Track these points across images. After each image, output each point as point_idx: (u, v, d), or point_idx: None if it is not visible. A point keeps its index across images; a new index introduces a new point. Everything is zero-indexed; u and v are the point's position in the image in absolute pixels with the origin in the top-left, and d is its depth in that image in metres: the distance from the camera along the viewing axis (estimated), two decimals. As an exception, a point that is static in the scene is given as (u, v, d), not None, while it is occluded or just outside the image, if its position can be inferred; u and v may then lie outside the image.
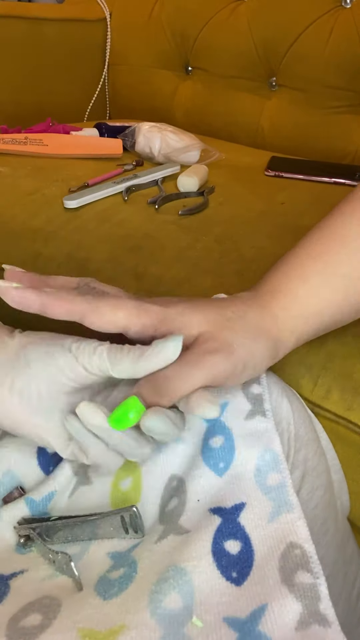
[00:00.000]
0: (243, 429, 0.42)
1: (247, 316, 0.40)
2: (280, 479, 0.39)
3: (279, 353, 0.42)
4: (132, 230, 0.74)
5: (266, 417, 0.42)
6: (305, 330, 0.43)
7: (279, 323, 0.41)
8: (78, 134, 1.05)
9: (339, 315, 0.44)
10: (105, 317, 0.37)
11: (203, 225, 0.75)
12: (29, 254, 0.74)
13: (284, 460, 0.40)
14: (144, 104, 1.33)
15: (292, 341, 0.42)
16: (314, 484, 0.47)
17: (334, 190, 0.90)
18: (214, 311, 0.39)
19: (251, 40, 1.15)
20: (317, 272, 0.43)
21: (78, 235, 0.74)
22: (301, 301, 0.42)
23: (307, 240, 0.45)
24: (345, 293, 0.43)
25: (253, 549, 0.36)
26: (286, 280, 0.43)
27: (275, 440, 0.41)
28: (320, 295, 0.42)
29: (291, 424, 0.45)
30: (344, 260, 0.43)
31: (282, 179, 0.95)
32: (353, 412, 0.51)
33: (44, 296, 0.37)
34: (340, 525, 0.52)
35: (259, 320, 0.40)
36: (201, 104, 1.26)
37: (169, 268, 0.67)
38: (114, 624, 0.32)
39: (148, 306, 0.38)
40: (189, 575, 0.34)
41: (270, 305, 0.41)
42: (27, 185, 0.85)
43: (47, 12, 1.26)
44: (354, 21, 1.05)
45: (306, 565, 0.34)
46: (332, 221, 0.45)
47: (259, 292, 0.43)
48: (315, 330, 0.43)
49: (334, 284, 0.43)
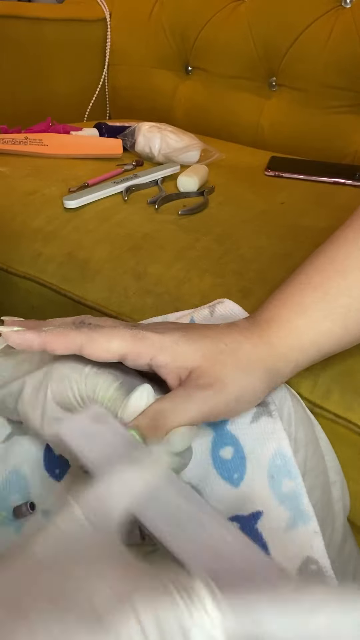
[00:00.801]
0: (250, 435, 0.41)
1: (241, 348, 0.40)
2: (294, 485, 0.40)
3: (275, 383, 0.42)
4: (132, 230, 0.74)
5: (272, 417, 0.42)
6: (301, 360, 0.42)
7: (275, 353, 0.41)
8: (78, 134, 1.05)
9: (337, 345, 0.44)
10: (101, 347, 0.38)
11: (203, 225, 0.75)
12: (29, 254, 0.74)
13: (294, 464, 0.40)
14: (144, 104, 1.33)
15: (288, 371, 0.42)
16: (312, 485, 0.47)
17: (334, 190, 0.90)
18: (208, 343, 0.39)
19: (251, 40, 1.15)
20: (316, 303, 0.42)
21: (78, 235, 0.74)
22: (299, 331, 0.42)
23: (307, 268, 0.44)
24: (344, 323, 0.42)
25: (271, 556, 0.36)
26: (285, 310, 0.42)
27: (284, 442, 0.41)
28: (319, 327, 0.42)
29: (292, 426, 0.45)
30: (344, 291, 0.42)
31: (282, 179, 0.95)
32: (353, 412, 0.51)
33: (43, 335, 0.38)
34: (338, 525, 0.52)
35: (252, 352, 0.40)
36: (201, 104, 1.26)
37: (169, 268, 0.67)
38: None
39: (143, 334, 0.38)
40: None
41: (267, 335, 0.41)
42: (27, 185, 0.85)
43: (47, 12, 1.26)
44: (354, 21, 1.05)
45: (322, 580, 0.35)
46: (333, 249, 0.44)
47: (257, 320, 0.43)
48: (312, 359, 0.43)
49: (333, 315, 0.42)
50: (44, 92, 1.26)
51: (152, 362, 0.38)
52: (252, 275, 0.64)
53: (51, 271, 0.71)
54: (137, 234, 0.73)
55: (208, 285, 0.63)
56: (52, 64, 1.26)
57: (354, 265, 0.43)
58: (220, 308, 0.50)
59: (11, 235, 0.77)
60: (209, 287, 0.63)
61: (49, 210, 0.79)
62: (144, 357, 0.38)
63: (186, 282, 0.64)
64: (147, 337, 0.38)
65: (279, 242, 0.70)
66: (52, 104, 1.25)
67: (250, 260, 0.67)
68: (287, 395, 0.47)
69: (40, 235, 0.75)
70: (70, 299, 0.69)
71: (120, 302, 0.66)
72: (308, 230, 0.72)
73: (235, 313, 0.50)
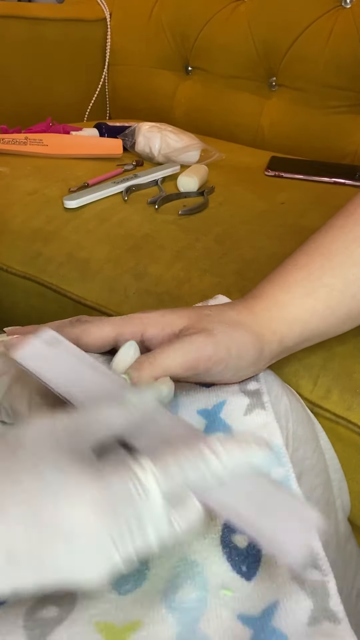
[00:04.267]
0: (242, 425, 0.42)
1: (225, 314, 0.42)
2: (284, 472, 0.40)
3: (264, 350, 0.43)
4: (132, 230, 0.74)
5: (265, 409, 0.42)
6: (288, 335, 0.44)
7: (259, 321, 0.43)
8: (78, 134, 1.05)
9: (324, 325, 0.45)
10: (94, 335, 0.40)
11: (203, 225, 0.75)
12: (29, 254, 0.74)
13: (286, 453, 0.41)
14: (144, 104, 1.33)
15: (276, 341, 0.43)
16: (312, 483, 0.47)
17: (334, 190, 0.90)
18: (193, 310, 0.42)
19: (251, 40, 1.15)
20: (299, 281, 0.44)
21: (78, 235, 0.74)
22: (281, 305, 0.44)
23: (296, 253, 0.47)
24: (328, 303, 0.44)
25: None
26: (269, 287, 0.45)
27: (276, 433, 0.41)
28: (302, 303, 0.44)
29: (290, 422, 0.46)
30: (328, 272, 0.44)
31: (282, 179, 0.95)
32: (353, 412, 0.51)
33: None
34: (339, 524, 0.53)
35: (237, 317, 0.42)
36: (201, 104, 1.26)
37: (169, 268, 0.67)
38: (130, 620, 0.32)
39: (131, 316, 0.42)
40: (200, 567, 0.34)
41: (251, 305, 0.43)
42: (27, 185, 0.85)
43: (47, 12, 1.26)
44: (354, 21, 1.05)
45: (315, 563, 0.34)
46: (321, 234, 0.47)
47: (243, 298, 0.45)
48: (300, 336, 0.44)
49: (316, 294, 0.44)
50: (44, 92, 1.26)
51: (144, 337, 0.41)
52: (252, 275, 0.64)
53: (51, 271, 0.71)
54: (137, 234, 0.73)
55: (208, 285, 0.63)
56: (52, 64, 1.26)
57: (339, 248, 0.45)
58: (213, 302, 0.51)
59: (11, 235, 0.77)
60: (209, 287, 0.63)
61: (49, 210, 0.79)
62: (136, 335, 0.41)
63: (186, 282, 0.64)
64: (135, 317, 0.41)
65: (279, 242, 0.70)
66: (52, 104, 1.25)
67: (250, 260, 0.67)
68: (284, 392, 0.47)
69: (40, 235, 0.75)
70: (70, 299, 0.69)
71: (120, 302, 0.66)
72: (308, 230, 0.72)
73: None
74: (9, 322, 0.80)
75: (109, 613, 0.33)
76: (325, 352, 0.53)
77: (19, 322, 0.78)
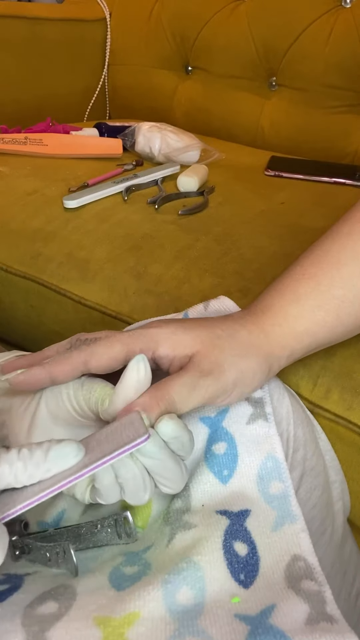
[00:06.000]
0: (245, 435, 0.42)
1: (237, 334, 0.41)
2: (283, 488, 0.40)
3: (272, 368, 0.42)
4: (132, 230, 0.74)
5: (268, 421, 0.43)
6: (297, 348, 0.43)
7: (270, 339, 0.42)
8: (78, 134, 1.05)
9: (332, 335, 0.44)
10: (104, 357, 0.38)
11: (203, 225, 0.75)
12: (29, 254, 0.74)
13: (286, 468, 0.41)
14: (144, 104, 1.33)
15: (285, 356, 0.43)
16: (312, 484, 0.47)
17: (334, 190, 0.90)
18: (205, 330, 0.40)
19: (251, 40, 1.15)
20: (310, 293, 0.43)
21: (78, 235, 0.74)
22: (292, 319, 0.43)
23: (303, 260, 0.46)
24: (338, 314, 0.43)
25: (258, 555, 0.37)
26: (278, 299, 0.44)
27: (277, 446, 0.42)
28: (312, 316, 0.43)
29: (290, 424, 0.46)
30: (338, 283, 0.43)
31: (282, 179, 0.95)
32: (353, 412, 0.51)
33: (47, 367, 0.38)
34: (338, 525, 0.53)
35: (249, 338, 0.41)
36: (201, 104, 1.26)
37: (169, 268, 0.67)
38: (128, 611, 0.32)
39: (140, 332, 0.40)
40: (201, 571, 0.35)
41: (261, 322, 0.42)
42: (27, 185, 0.85)
43: (47, 12, 1.26)
44: (354, 21, 1.05)
45: (310, 575, 0.35)
46: (329, 242, 0.46)
47: (252, 310, 0.44)
48: (308, 347, 0.44)
49: (327, 306, 0.43)
50: (44, 92, 1.26)
51: (154, 355, 0.39)
52: (252, 275, 0.64)
53: (51, 271, 0.71)
54: (137, 233, 0.73)
55: (208, 285, 0.63)
56: (52, 64, 1.26)
57: (348, 258, 0.44)
58: (214, 303, 0.51)
59: (11, 235, 0.77)
60: (209, 287, 0.63)
61: (49, 210, 0.79)
62: (146, 353, 0.39)
63: (186, 282, 0.64)
64: (145, 334, 0.40)
65: (279, 242, 0.70)
66: (52, 104, 1.25)
67: (250, 260, 0.67)
68: (286, 394, 0.47)
69: (40, 235, 0.75)
70: (70, 299, 0.69)
71: (120, 302, 0.66)
72: (308, 230, 0.72)
73: (229, 309, 0.50)
74: (9, 321, 0.80)
75: (106, 607, 0.33)
76: (325, 352, 0.53)
77: (19, 322, 0.78)
